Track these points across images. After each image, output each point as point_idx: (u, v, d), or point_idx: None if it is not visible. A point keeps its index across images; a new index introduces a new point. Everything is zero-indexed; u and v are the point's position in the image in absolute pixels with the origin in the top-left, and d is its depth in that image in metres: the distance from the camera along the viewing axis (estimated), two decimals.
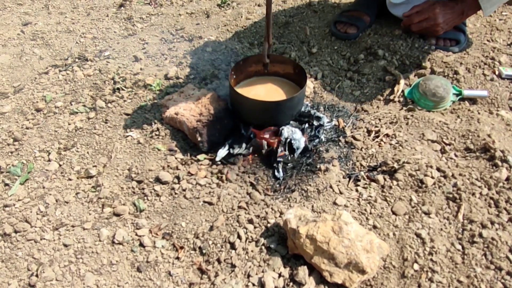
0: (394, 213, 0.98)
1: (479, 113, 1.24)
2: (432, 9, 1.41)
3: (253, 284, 0.85)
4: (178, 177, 1.07)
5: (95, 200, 1.04)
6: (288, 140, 1.11)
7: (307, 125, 1.18)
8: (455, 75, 1.38)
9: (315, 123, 1.19)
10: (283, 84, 1.25)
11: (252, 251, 0.91)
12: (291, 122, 1.19)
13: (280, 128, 1.13)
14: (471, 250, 0.89)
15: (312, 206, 1.00)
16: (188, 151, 1.16)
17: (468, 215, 0.96)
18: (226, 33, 1.69)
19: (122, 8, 1.94)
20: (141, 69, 1.50)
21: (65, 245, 0.94)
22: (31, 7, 1.99)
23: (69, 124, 1.26)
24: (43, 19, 1.87)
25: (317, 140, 1.17)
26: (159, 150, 1.15)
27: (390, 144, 1.16)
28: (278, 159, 1.09)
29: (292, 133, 1.13)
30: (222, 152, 1.12)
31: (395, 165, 1.07)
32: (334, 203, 1.01)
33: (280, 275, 0.86)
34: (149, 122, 1.24)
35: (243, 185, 1.06)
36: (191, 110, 1.17)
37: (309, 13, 1.79)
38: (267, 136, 1.13)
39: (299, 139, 1.13)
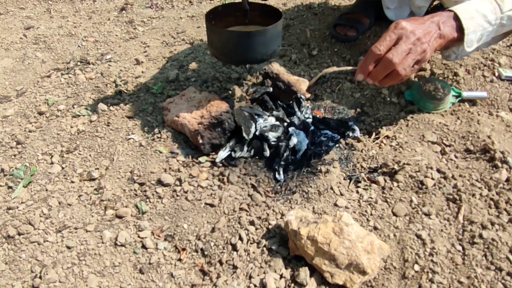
0: (394, 214, 0.99)
1: (479, 115, 1.25)
2: (394, 25, 0.93)
3: (255, 285, 0.85)
4: (180, 179, 1.08)
5: (97, 203, 1.05)
6: (294, 145, 1.12)
7: (312, 127, 1.19)
8: (454, 77, 1.38)
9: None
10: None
11: (253, 252, 0.91)
12: (296, 123, 1.20)
13: (289, 133, 1.13)
14: (471, 251, 0.89)
15: (313, 208, 1.01)
16: (189, 154, 1.16)
17: (468, 216, 0.96)
18: None
19: (124, 11, 1.96)
20: (142, 72, 1.51)
21: (68, 247, 0.94)
22: (33, 11, 2.01)
23: (71, 127, 1.27)
24: (45, 23, 1.89)
25: (320, 148, 1.17)
26: (161, 152, 1.16)
27: (391, 146, 1.17)
28: (282, 163, 1.10)
29: (296, 134, 1.13)
30: (223, 154, 1.13)
31: (396, 167, 1.08)
32: (335, 205, 1.01)
33: (281, 276, 0.86)
34: (150, 125, 1.25)
35: (244, 187, 1.07)
36: (193, 113, 1.17)
37: (309, 15, 1.80)
38: None
39: (302, 141, 1.14)
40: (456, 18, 0.99)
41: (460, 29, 0.98)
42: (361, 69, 0.94)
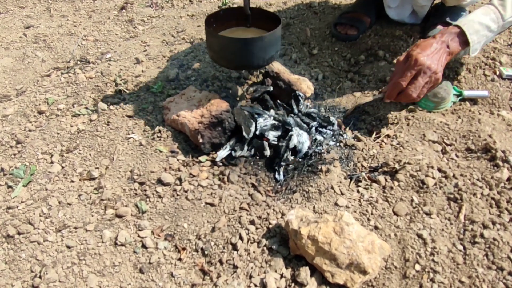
0: (395, 213, 0.99)
1: (480, 114, 1.24)
2: (414, 61, 1.07)
3: (255, 285, 0.85)
4: (180, 179, 1.08)
5: (97, 202, 1.04)
6: (295, 146, 1.12)
7: (314, 128, 1.19)
8: (455, 76, 1.38)
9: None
10: (261, 34, 1.23)
11: (254, 252, 0.91)
12: (298, 120, 1.20)
13: (290, 133, 1.13)
14: (472, 251, 0.89)
15: (314, 207, 1.01)
16: (189, 153, 1.16)
17: (470, 216, 0.96)
18: None
19: (124, 10, 1.95)
20: (142, 71, 1.51)
21: (68, 247, 0.94)
22: (33, 10, 2.01)
23: (71, 126, 1.27)
24: (45, 22, 1.88)
25: (320, 148, 1.17)
26: (161, 152, 1.16)
27: (391, 145, 1.16)
28: (282, 163, 1.10)
29: (299, 135, 1.13)
30: (223, 153, 1.12)
31: (396, 166, 1.07)
32: (336, 204, 1.01)
33: (282, 276, 0.86)
34: (150, 124, 1.25)
35: (244, 186, 1.07)
36: (193, 112, 1.17)
37: (310, 14, 1.80)
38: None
39: (303, 142, 1.13)
40: (463, 33, 1.12)
41: (466, 42, 1.13)
42: (389, 97, 1.15)
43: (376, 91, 1.39)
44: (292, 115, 1.23)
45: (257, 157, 1.14)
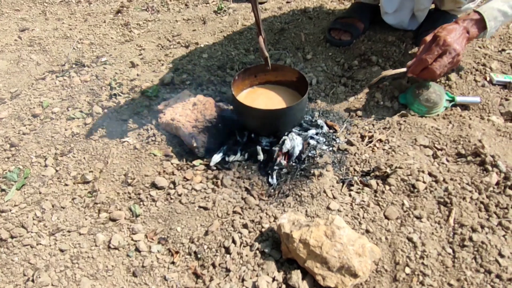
0: (386, 217, 1.00)
1: (470, 119, 1.26)
2: (443, 41, 1.15)
3: None
4: (173, 182, 1.08)
5: (91, 206, 1.05)
6: (288, 150, 1.13)
7: (311, 132, 1.21)
8: (447, 81, 1.40)
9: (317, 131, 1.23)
10: (282, 92, 1.25)
11: (246, 255, 0.92)
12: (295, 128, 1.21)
13: (283, 138, 1.14)
14: (461, 254, 0.90)
15: (306, 211, 1.02)
16: (184, 157, 1.17)
17: (459, 219, 0.97)
18: (222, 39, 1.71)
19: (119, 14, 1.96)
20: (137, 75, 1.52)
21: (61, 250, 0.94)
22: (28, 13, 2.01)
23: (65, 129, 1.27)
24: (40, 25, 1.89)
25: (313, 152, 1.18)
26: (155, 155, 1.16)
27: (383, 149, 1.18)
28: (275, 167, 1.11)
29: (292, 140, 1.14)
30: (217, 157, 1.13)
31: (388, 170, 1.09)
32: (328, 208, 1.02)
33: (274, 279, 0.87)
34: (145, 127, 1.26)
35: (238, 190, 1.08)
36: (187, 116, 1.18)
37: (304, 19, 1.82)
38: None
39: (295, 147, 1.14)
40: (482, 20, 1.20)
41: (484, 28, 1.21)
42: (413, 72, 1.22)
43: (369, 96, 1.40)
44: None
45: (251, 161, 1.15)
